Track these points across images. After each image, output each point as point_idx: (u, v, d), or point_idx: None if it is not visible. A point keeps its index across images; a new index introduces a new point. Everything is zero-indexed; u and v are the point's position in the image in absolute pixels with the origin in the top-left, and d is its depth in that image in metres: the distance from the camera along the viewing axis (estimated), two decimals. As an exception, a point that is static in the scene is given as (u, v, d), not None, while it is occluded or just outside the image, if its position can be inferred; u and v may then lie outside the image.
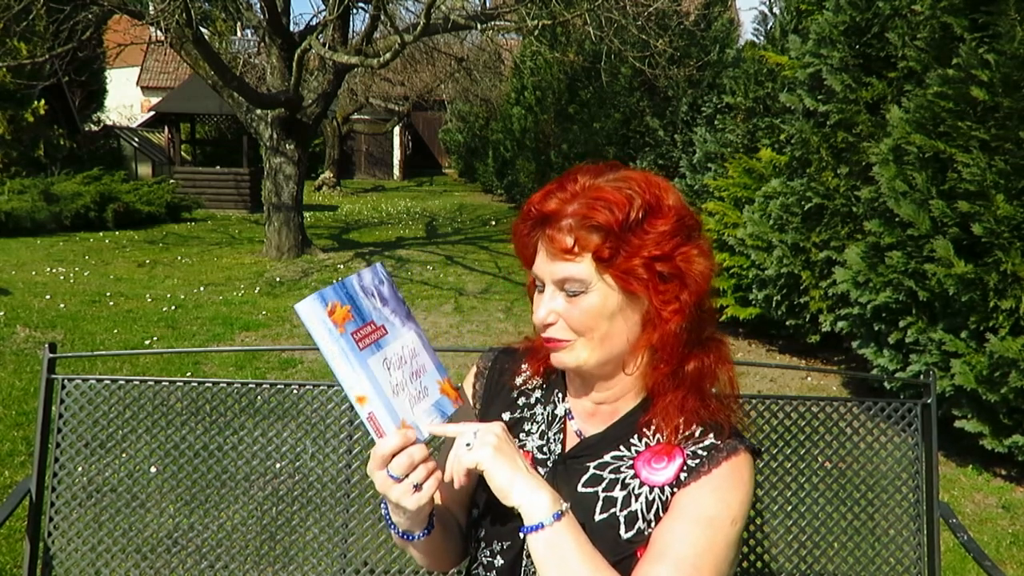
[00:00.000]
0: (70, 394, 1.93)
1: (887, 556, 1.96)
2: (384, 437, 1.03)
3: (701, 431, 1.12)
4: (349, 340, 1.03)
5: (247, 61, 14.85)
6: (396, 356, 1.08)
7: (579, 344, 1.10)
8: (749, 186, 6.35)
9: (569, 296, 1.08)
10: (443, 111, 24.00)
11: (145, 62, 27.09)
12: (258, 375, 5.40)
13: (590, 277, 1.06)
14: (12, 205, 11.54)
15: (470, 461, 1.04)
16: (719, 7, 10.45)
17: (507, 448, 1.05)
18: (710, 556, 1.05)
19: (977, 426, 3.94)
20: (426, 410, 1.09)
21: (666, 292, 1.07)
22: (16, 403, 4.65)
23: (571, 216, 1.05)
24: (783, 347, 6.46)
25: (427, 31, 8.71)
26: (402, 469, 1.03)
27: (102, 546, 1.91)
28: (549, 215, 1.07)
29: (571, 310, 1.08)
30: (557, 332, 1.10)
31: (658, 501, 1.11)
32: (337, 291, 1.05)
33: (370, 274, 1.11)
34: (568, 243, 1.05)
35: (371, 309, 1.08)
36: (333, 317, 1.03)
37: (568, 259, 1.06)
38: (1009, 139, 3.63)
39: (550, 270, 1.08)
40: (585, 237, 1.05)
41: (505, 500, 1.04)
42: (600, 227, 1.04)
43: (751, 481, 1.12)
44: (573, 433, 1.20)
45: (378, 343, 1.07)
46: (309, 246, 10.71)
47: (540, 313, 1.10)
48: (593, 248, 1.05)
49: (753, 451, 1.15)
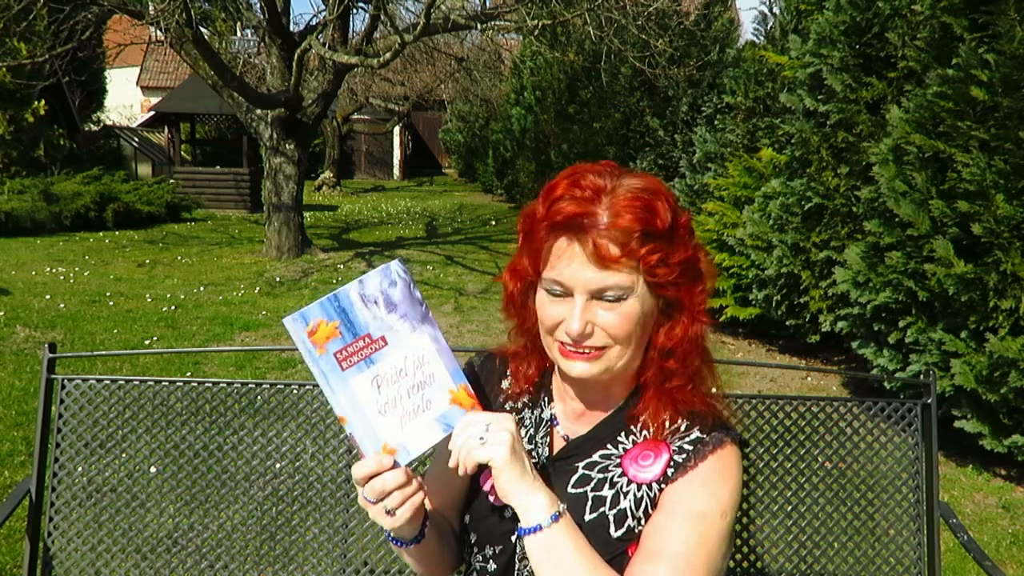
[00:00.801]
0: (70, 394, 1.93)
1: (887, 556, 1.96)
2: (360, 461, 1.04)
3: (687, 425, 1.12)
4: (330, 361, 1.02)
5: (247, 61, 14.84)
6: (393, 370, 1.05)
7: (612, 352, 1.07)
8: (749, 186, 6.35)
9: (608, 304, 1.04)
10: (443, 111, 24.00)
11: (145, 62, 27.08)
12: (258, 375, 5.40)
13: (632, 284, 1.04)
14: (12, 205, 11.54)
15: (483, 456, 1.02)
16: (719, 7, 10.45)
17: (519, 448, 1.05)
18: (703, 551, 1.05)
19: (977, 426, 3.94)
20: (425, 424, 1.06)
21: (695, 292, 1.09)
22: (16, 403, 4.65)
23: (613, 224, 1.01)
24: (783, 347, 6.46)
25: (427, 31, 8.70)
26: (374, 495, 1.03)
27: (102, 546, 1.91)
28: (579, 219, 1.02)
29: (609, 317, 1.05)
30: (596, 341, 1.06)
31: (647, 498, 1.11)
32: (325, 306, 1.02)
33: (378, 277, 1.06)
34: (614, 252, 1.01)
35: (368, 320, 1.04)
36: (314, 337, 1.01)
37: (613, 268, 1.02)
38: (1009, 139, 3.63)
39: (588, 278, 1.03)
40: (631, 246, 1.02)
41: (506, 499, 1.04)
42: (648, 235, 1.02)
43: (739, 472, 1.11)
44: (560, 437, 1.20)
45: (370, 358, 1.04)
46: (309, 246, 10.71)
47: (576, 325, 1.04)
48: (639, 256, 1.02)
49: (740, 442, 1.14)
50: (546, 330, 1.10)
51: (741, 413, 1.96)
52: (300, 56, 9.12)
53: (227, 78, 9.02)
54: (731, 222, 6.41)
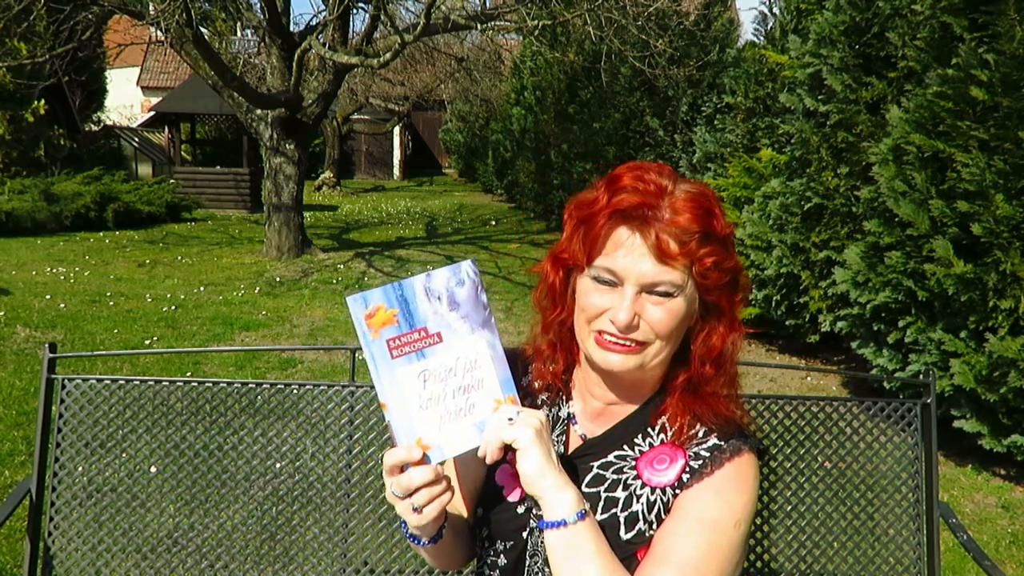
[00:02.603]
0: (70, 394, 1.93)
1: (887, 556, 1.96)
2: (392, 449, 1.04)
3: (705, 431, 1.12)
4: (381, 346, 1.03)
5: (247, 61, 14.85)
6: (442, 367, 1.05)
7: (652, 349, 1.08)
8: (749, 186, 6.35)
9: (657, 299, 1.05)
10: (443, 111, 24.00)
11: (145, 62, 27.09)
12: (258, 375, 5.41)
13: (683, 283, 1.05)
14: (12, 205, 11.55)
15: (509, 436, 1.02)
16: (719, 7, 10.44)
17: (546, 436, 1.05)
18: (713, 559, 1.04)
19: (976, 426, 3.94)
20: (464, 428, 1.05)
21: (735, 301, 1.10)
22: (16, 403, 4.65)
23: (674, 222, 1.03)
24: (783, 347, 6.47)
25: (427, 31, 8.70)
26: (402, 490, 1.03)
27: (102, 546, 1.92)
28: (643, 210, 1.03)
29: (657, 313, 1.05)
30: (640, 335, 1.06)
31: (660, 502, 1.10)
32: (388, 292, 1.03)
33: (447, 274, 1.05)
34: (674, 249, 1.03)
35: (428, 314, 1.04)
36: (370, 321, 1.02)
37: (670, 264, 1.03)
38: (1008, 139, 3.63)
39: (643, 271, 1.04)
40: (690, 245, 1.03)
41: (528, 487, 1.03)
42: (707, 237, 1.04)
43: (755, 482, 1.11)
44: (577, 436, 1.20)
45: (422, 351, 1.04)
46: (309, 246, 10.71)
47: (624, 315, 1.04)
48: (696, 256, 1.04)
49: (759, 451, 1.14)
50: (586, 319, 1.09)
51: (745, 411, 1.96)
52: (300, 56, 9.13)
53: (227, 78, 9.02)
54: (731, 222, 6.41)
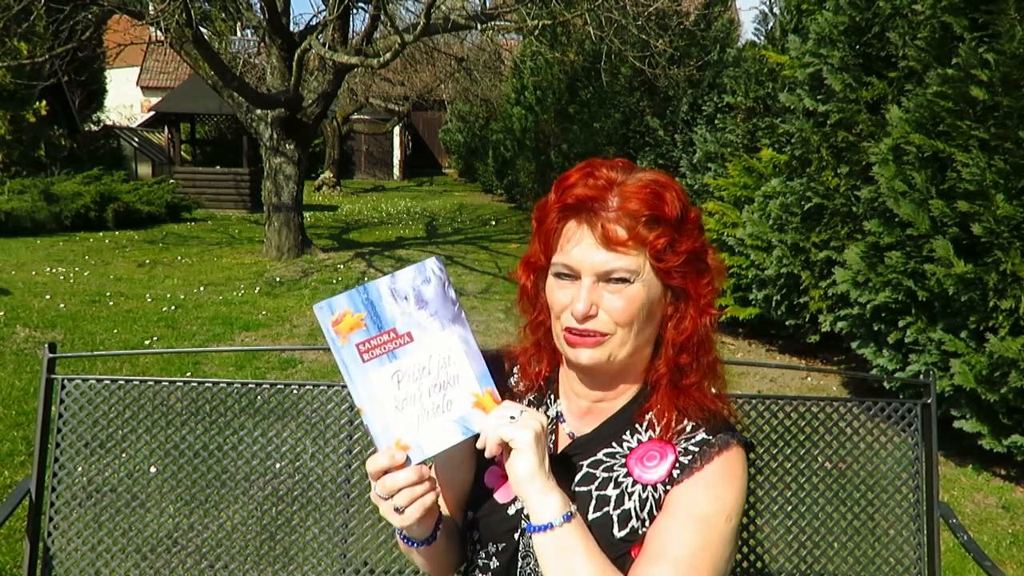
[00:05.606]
0: (70, 394, 1.93)
1: (887, 556, 1.96)
2: (374, 455, 1.04)
3: (692, 426, 1.12)
4: (351, 351, 1.03)
5: (247, 61, 14.84)
6: (415, 367, 1.05)
7: (616, 339, 1.08)
8: (749, 186, 6.35)
9: (614, 286, 1.06)
10: (443, 111, 23.99)
11: (145, 62, 27.09)
12: (258, 375, 5.40)
13: (638, 268, 1.06)
14: (12, 205, 11.54)
15: (508, 434, 1.02)
16: (719, 7, 10.44)
17: (544, 441, 1.05)
18: (707, 554, 1.05)
19: (976, 426, 3.94)
20: (443, 425, 1.05)
21: (702, 285, 1.10)
22: (16, 403, 4.65)
23: (622, 208, 1.04)
24: (783, 347, 6.46)
25: (427, 31, 8.70)
26: (384, 491, 1.03)
27: (102, 546, 1.91)
28: (589, 203, 1.05)
29: (614, 301, 1.06)
30: (599, 325, 1.07)
31: (651, 499, 1.11)
32: (353, 297, 1.03)
33: (412, 273, 1.06)
34: (622, 235, 1.04)
35: (396, 315, 1.04)
36: (338, 327, 1.02)
37: (620, 251, 1.04)
38: (1009, 138, 3.63)
39: (595, 261, 1.05)
40: (638, 229, 1.04)
41: (517, 488, 1.04)
42: (656, 220, 1.05)
43: (744, 475, 1.12)
44: (565, 435, 1.20)
45: (393, 353, 1.04)
46: (309, 246, 10.71)
47: (581, 305, 1.06)
48: (647, 241, 1.05)
49: (746, 444, 1.14)
50: (555, 316, 1.11)
51: (741, 413, 1.96)
52: (300, 56, 9.13)
53: (227, 78, 9.02)
54: (731, 222, 6.41)
